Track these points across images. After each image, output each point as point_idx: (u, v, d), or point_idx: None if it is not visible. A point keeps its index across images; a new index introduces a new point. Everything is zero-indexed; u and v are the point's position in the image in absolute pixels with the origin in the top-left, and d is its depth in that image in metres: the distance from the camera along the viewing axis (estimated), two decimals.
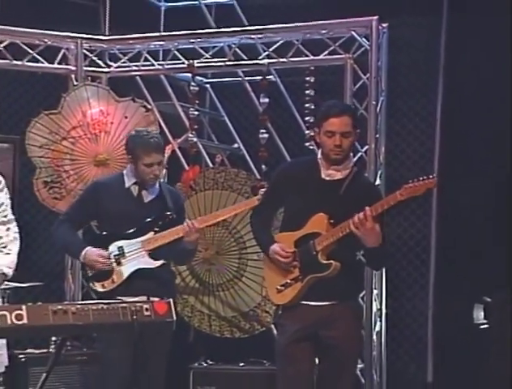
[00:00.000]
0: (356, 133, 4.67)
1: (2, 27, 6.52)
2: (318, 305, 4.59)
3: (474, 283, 6.04)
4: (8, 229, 4.12)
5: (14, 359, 5.65)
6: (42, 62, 6.69)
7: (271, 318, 5.79)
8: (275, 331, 5.74)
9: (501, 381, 5.38)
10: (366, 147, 6.19)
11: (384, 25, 6.23)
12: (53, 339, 5.77)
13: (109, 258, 5.17)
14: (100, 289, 5.18)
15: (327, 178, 4.66)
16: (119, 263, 5.17)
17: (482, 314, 5.91)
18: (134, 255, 5.18)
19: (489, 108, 6.16)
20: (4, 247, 4.09)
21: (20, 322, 3.71)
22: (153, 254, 5.18)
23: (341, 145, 4.58)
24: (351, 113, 4.67)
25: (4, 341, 4.11)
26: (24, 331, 3.81)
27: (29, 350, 5.85)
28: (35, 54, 6.65)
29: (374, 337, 6.14)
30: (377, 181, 6.10)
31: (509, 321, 5.56)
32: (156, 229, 5.20)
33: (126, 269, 5.17)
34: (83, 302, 4.28)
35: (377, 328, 6.18)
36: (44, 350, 5.89)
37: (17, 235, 4.15)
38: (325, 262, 4.52)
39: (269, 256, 4.70)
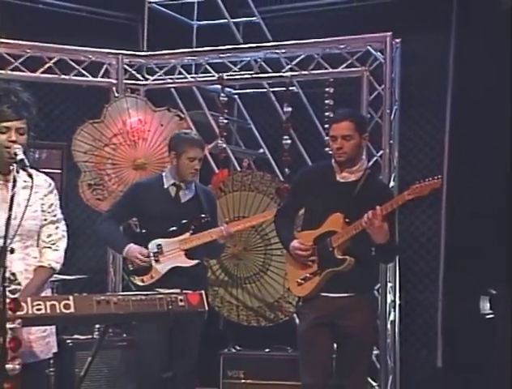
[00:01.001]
0: (361, 136, 4.66)
1: (52, 45, 6.58)
2: (335, 297, 4.60)
3: (480, 276, 6.01)
4: (57, 228, 4.06)
5: (62, 344, 5.66)
6: (87, 76, 6.74)
7: (294, 308, 5.84)
8: (297, 320, 5.80)
9: (505, 365, 5.39)
10: (381, 152, 6.19)
11: (397, 40, 6.21)
12: (97, 326, 5.79)
13: (149, 256, 5.19)
14: (140, 283, 5.22)
15: (342, 180, 4.67)
16: (157, 261, 5.19)
17: (488, 305, 5.90)
18: (171, 254, 5.19)
19: (493, 115, 6.13)
20: (53, 244, 4.03)
21: (68, 311, 3.71)
22: (188, 253, 5.22)
23: (342, 148, 4.60)
24: (352, 119, 4.66)
25: (53, 329, 4.13)
26: (71, 319, 3.81)
27: (76, 336, 5.88)
28: (80, 69, 6.70)
29: (389, 326, 6.13)
30: (391, 183, 6.10)
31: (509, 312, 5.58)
32: (192, 230, 5.22)
33: (164, 266, 5.19)
34: (124, 293, 4.26)
35: (392, 318, 6.17)
36: (89, 336, 5.90)
37: (65, 233, 4.10)
38: (341, 257, 4.54)
39: (290, 252, 4.73)
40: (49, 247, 4.03)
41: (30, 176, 3.85)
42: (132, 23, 7.56)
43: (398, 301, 6.22)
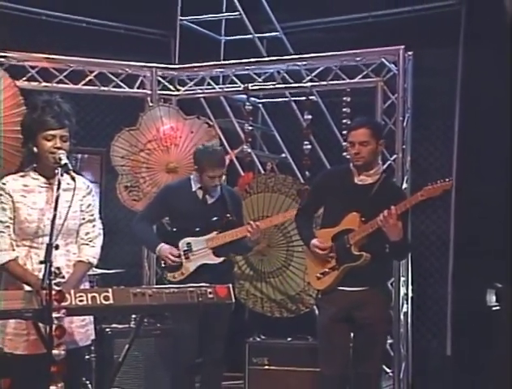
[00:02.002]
0: (377, 142, 4.67)
1: (93, 60, 6.62)
2: (352, 291, 4.62)
3: (486, 271, 5.99)
4: (94, 226, 4.08)
5: (102, 332, 5.75)
6: (124, 88, 6.76)
7: (314, 300, 5.83)
8: (317, 312, 5.81)
9: (510, 354, 5.36)
10: (394, 156, 6.18)
11: (409, 53, 6.19)
12: (133, 316, 5.72)
13: (179, 256, 5.23)
14: (172, 279, 5.26)
15: (359, 183, 4.68)
16: (187, 258, 5.24)
17: (494, 298, 5.87)
18: (200, 252, 5.24)
19: (498, 122, 6.10)
20: (90, 241, 4.06)
21: (107, 302, 3.75)
22: (216, 250, 5.25)
23: (359, 153, 4.62)
24: (369, 126, 4.67)
25: (92, 318, 4.11)
26: (110, 309, 3.81)
27: (114, 325, 5.88)
28: (118, 81, 6.72)
29: (402, 317, 6.11)
30: (404, 185, 6.07)
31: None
32: (218, 229, 5.26)
33: (193, 264, 5.24)
34: (158, 286, 4.32)
35: (404, 310, 6.15)
36: (126, 325, 5.89)
37: (101, 231, 4.14)
38: (357, 253, 4.56)
39: (310, 249, 4.74)
40: (87, 244, 4.06)
41: (73, 179, 3.90)
42: (165, 38, 7.58)
43: (410, 295, 6.20)
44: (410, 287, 6.20)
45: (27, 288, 3.81)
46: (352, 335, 4.72)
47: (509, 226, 5.81)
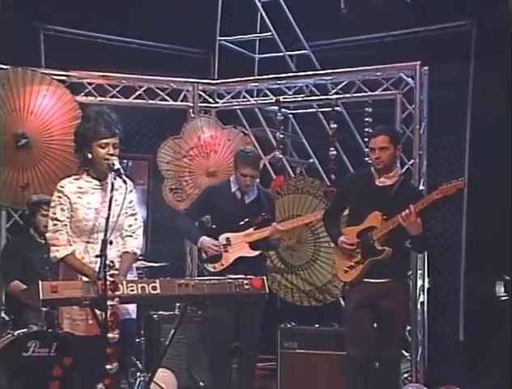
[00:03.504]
0: (396, 148, 4.65)
1: (142, 76, 6.66)
2: (376, 282, 4.61)
3: (496, 265, 5.94)
4: (136, 219, 4.07)
5: (150, 318, 5.81)
6: (169, 101, 6.78)
7: (339, 291, 5.79)
8: (342, 302, 5.78)
9: None
10: (412, 161, 6.13)
11: (425, 68, 6.15)
12: (178, 304, 5.79)
13: (219, 246, 5.24)
14: (212, 270, 5.26)
15: (380, 185, 4.67)
16: (226, 251, 5.23)
17: (502, 288, 5.81)
18: (237, 246, 5.23)
19: (505, 130, 6.06)
20: (133, 233, 4.05)
21: (155, 292, 3.80)
22: (252, 245, 5.25)
23: (380, 157, 4.60)
24: (387, 133, 4.65)
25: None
26: (158, 298, 3.88)
27: (161, 312, 5.90)
28: (164, 95, 6.76)
29: (419, 306, 6.08)
30: (421, 187, 6.03)
31: None
32: (255, 226, 5.25)
33: (232, 256, 5.23)
34: (200, 278, 4.37)
35: (421, 299, 6.11)
36: (171, 312, 5.92)
37: (141, 223, 4.10)
38: (380, 248, 4.55)
39: (337, 245, 4.74)
40: (131, 235, 4.06)
41: (125, 182, 3.93)
42: (205, 56, 7.61)
43: (427, 286, 6.16)
44: (426, 279, 6.16)
45: (85, 279, 3.83)
46: (375, 322, 4.69)
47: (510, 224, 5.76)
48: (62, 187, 3.98)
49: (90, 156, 3.96)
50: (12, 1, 6.03)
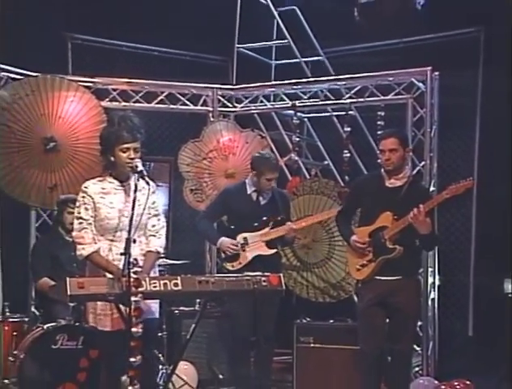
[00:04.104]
0: (405, 150, 4.64)
1: (163, 82, 6.69)
2: (387, 279, 4.60)
3: (504, 263, 5.93)
4: (159, 220, 4.09)
5: (171, 313, 5.80)
6: (189, 105, 6.81)
7: (353, 288, 5.79)
8: (355, 298, 5.77)
9: None
10: (423, 163, 6.12)
11: (436, 73, 6.14)
12: (198, 300, 5.81)
13: (237, 246, 5.25)
14: (230, 268, 5.26)
15: (390, 186, 4.66)
16: (244, 250, 5.25)
17: (510, 286, 5.79)
18: (254, 245, 5.24)
19: None
20: (157, 232, 4.06)
21: (176, 288, 3.82)
22: (268, 244, 5.26)
23: (389, 159, 4.59)
24: (397, 136, 4.64)
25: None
26: (179, 294, 3.90)
27: (181, 307, 5.90)
28: (184, 100, 6.78)
29: (429, 303, 6.06)
30: (431, 188, 6.01)
31: None
32: (270, 226, 5.27)
33: (249, 255, 5.24)
34: (219, 275, 4.37)
35: (432, 296, 6.10)
36: (192, 308, 5.92)
37: (164, 224, 4.12)
38: (391, 247, 4.54)
39: (350, 244, 4.74)
40: (154, 235, 4.07)
41: (148, 183, 3.96)
42: (224, 63, 7.63)
43: (437, 283, 6.14)
44: (437, 276, 6.14)
45: (110, 275, 3.86)
46: (387, 317, 4.68)
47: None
48: (86, 188, 4.02)
49: (113, 159, 3.99)
50: (42, 12, 6.09)
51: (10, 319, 5.08)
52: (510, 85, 5.97)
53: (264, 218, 5.27)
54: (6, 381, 4.85)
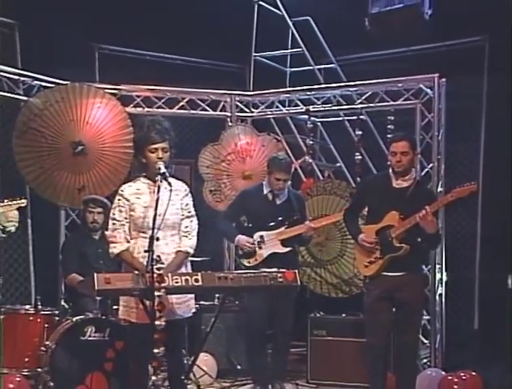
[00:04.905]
0: (414, 153, 4.64)
1: (184, 89, 6.72)
2: (394, 275, 4.60)
3: (508, 259, 5.91)
4: (191, 221, 4.10)
5: None
6: (208, 111, 6.83)
7: (362, 283, 5.84)
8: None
9: None
10: (431, 165, 6.12)
11: (443, 80, 6.13)
12: (217, 295, 5.87)
13: (253, 244, 5.26)
14: (247, 264, 5.29)
15: (397, 186, 4.65)
16: (260, 247, 5.26)
17: None
18: (270, 243, 5.26)
19: None
20: (189, 234, 4.06)
21: (197, 284, 3.84)
22: (283, 242, 5.27)
23: (401, 161, 4.58)
24: (408, 140, 4.64)
25: (193, 295, 4.13)
26: (200, 289, 3.90)
27: (201, 302, 5.84)
28: (204, 106, 6.82)
29: (437, 298, 6.05)
30: (439, 189, 6.01)
31: None
32: (286, 225, 5.28)
33: (265, 252, 5.26)
34: (237, 271, 4.35)
35: (439, 291, 6.08)
36: (211, 302, 5.95)
37: (196, 226, 4.13)
38: (398, 245, 4.54)
39: (358, 242, 4.74)
40: (186, 236, 4.08)
41: (169, 184, 3.96)
42: (241, 70, 7.63)
43: (444, 279, 6.12)
44: (444, 273, 6.12)
45: (136, 271, 3.89)
46: (394, 311, 4.67)
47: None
48: (122, 191, 4.05)
49: (144, 160, 4.02)
50: (71, 25, 6.16)
51: (42, 312, 5.13)
52: None
53: (280, 218, 5.28)
54: (38, 370, 4.92)
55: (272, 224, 5.28)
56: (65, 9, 6.07)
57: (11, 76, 6.05)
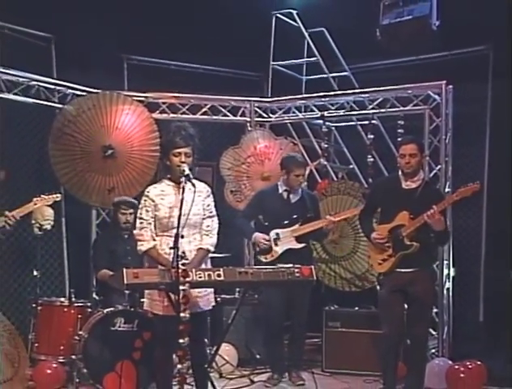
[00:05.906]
0: (422, 155, 4.63)
1: (207, 96, 6.74)
2: (406, 271, 4.60)
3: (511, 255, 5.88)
4: (213, 221, 4.11)
5: (214, 300, 5.91)
6: (229, 116, 6.85)
7: (376, 279, 5.82)
8: (378, 288, 5.78)
9: None
10: (439, 167, 6.10)
11: (450, 87, 6.11)
12: (237, 289, 5.90)
13: (269, 241, 5.27)
14: (264, 260, 5.30)
15: (406, 187, 4.64)
16: (276, 244, 5.28)
17: None
18: (286, 239, 5.27)
19: None
20: (210, 232, 4.10)
21: (219, 279, 3.87)
22: (298, 238, 5.29)
23: (410, 163, 4.57)
24: (416, 142, 4.64)
25: (212, 289, 4.16)
26: (222, 284, 3.93)
27: (223, 295, 5.92)
28: (225, 112, 6.83)
29: (445, 292, 6.04)
30: (447, 189, 5.99)
31: None
32: (300, 222, 5.29)
33: (281, 248, 5.28)
34: (257, 267, 4.37)
35: (447, 286, 6.07)
36: (232, 296, 5.98)
37: (217, 225, 4.17)
38: (409, 243, 4.54)
39: (371, 241, 4.74)
40: (207, 235, 4.12)
41: (193, 185, 4.01)
42: (260, 78, 7.61)
43: (452, 274, 6.11)
44: (451, 268, 6.11)
45: (161, 267, 3.93)
46: (405, 305, 4.68)
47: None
48: (148, 192, 4.09)
49: (168, 163, 4.06)
50: (102, 37, 6.22)
51: (76, 304, 5.19)
52: None
53: (294, 216, 5.28)
54: (73, 357, 4.98)
55: (287, 222, 5.28)
56: (96, 23, 6.13)
57: (47, 85, 6.12)
